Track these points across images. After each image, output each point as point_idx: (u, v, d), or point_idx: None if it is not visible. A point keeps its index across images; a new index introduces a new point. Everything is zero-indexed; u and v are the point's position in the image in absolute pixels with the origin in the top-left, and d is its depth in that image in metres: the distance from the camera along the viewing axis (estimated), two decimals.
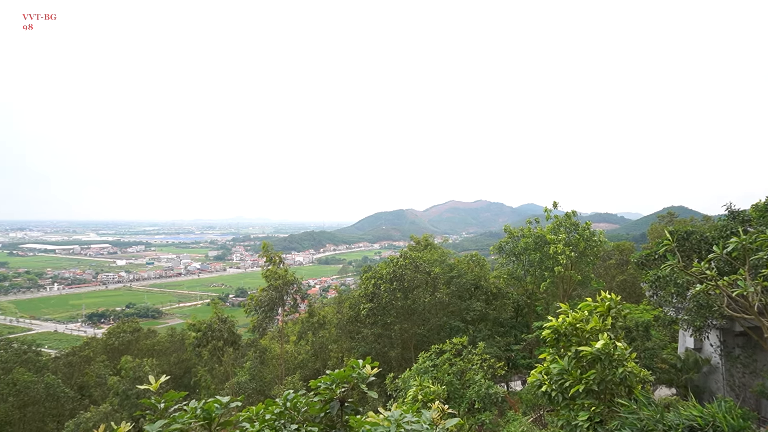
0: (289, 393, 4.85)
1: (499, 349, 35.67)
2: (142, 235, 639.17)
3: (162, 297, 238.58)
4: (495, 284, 42.49)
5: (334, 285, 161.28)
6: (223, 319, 42.28)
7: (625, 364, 9.01)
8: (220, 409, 4.38)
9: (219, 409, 4.38)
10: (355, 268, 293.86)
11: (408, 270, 38.40)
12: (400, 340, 40.62)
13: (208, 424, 4.31)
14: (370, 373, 4.87)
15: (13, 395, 38.03)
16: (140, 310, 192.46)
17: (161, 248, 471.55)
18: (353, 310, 41.18)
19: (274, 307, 42.04)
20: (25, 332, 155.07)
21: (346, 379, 4.84)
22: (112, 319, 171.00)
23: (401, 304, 37.75)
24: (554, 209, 40.23)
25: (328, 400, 4.77)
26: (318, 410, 4.74)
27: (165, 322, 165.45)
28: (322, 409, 4.74)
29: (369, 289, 39.29)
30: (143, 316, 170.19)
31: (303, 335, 47.73)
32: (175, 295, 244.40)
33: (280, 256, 44.21)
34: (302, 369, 45.91)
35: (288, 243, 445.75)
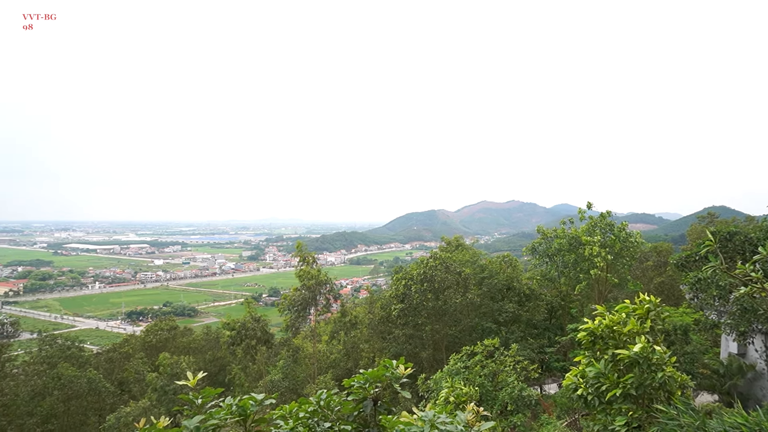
0: (323, 392, 4.89)
1: (532, 351, 35.17)
2: (178, 235, 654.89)
3: (197, 296, 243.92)
4: (528, 285, 41.92)
5: (365, 285, 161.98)
6: (256, 318, 42.95)
7: (664, 368, 8.75)
8: (254, 406, 4.45)
9: (254, 406, 4.44)
10: (387, 269, 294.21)
11: (438, 271, 38.24)
12: (431, 341, 40.47)
13: (243, 421, 4.38)
14: (403, 373, 4.86)
15: (58, 389, 39.46)
16: (177, 308, 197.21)
17: (197, 248, 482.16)
18: (384, 310, 41.25)
19: (306, 307, 42.45)
20: (69, 329, 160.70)
21: (379, 378, 4.84)
22: (150, 317, 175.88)
23: (432, 305, 37.61)
24: (588, 210, 39.39)
25: (362, 399, 4.78)
26: (351, 409, 4.76)
27: (200, 320, 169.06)
28: (356, 408, 4.76)
29: (400, 289, 39.28)
30: (179, 315, 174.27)
31: (335, 335, 48.05)
32: (210, 295, 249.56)
33: (314, 256, 44.61)
34: (334, 368, 46.22)
35: (320, 243, 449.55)
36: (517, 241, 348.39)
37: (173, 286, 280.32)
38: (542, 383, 38.24)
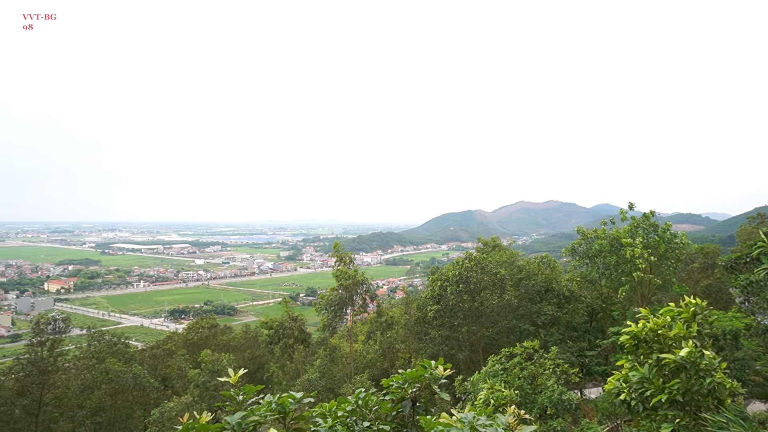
0: (361, 391, 4.92)
1: (571, 354, 34.44)
2: (218, 235, 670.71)
3: (237, 295, 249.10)
4: (567, 287, 41.08)
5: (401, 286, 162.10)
6: (293, 318, 43.52)
7: (713, 374, 8.41)
8: (293, 404, 4.52)
9: (293, 403, 4.51)
10: (423, 269, 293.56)
11: (474, 272, 37.90)
12: (468, 343, 40.16)
13: (283, 418, 4.45)
14: (442, 374, 4.84)
15: (106, 383, 41.00)
16: (217, 307, 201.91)
17: (236, 248, 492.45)
18: (421, 311, 41.17)
19: (343, 307, 42.76)
20: (115, 325, 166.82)
21: (418, 379, 4.84)
22: (191, 315, 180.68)
23: (468, 306, 37.31)
24: (630, 210, 38.27)
25: (400, 399, 4.79)
26: (389, 409, 4.77)
27: (240, 319, 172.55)
28: (394, 408, 4.77)
29: (435, 291, 39.13)
30: (220, 313, 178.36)
31: (371, 335, 48.24)
32: (249, 294, 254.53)
33: (350, 256, 44.90)
34: (371, 368, 46.41)
35: (356, 244, 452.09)
36: (555, 242, 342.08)
37: (214, 285, 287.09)
38: (582, 387, 37.40)
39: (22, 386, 37.25)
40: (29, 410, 37.41)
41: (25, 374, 37.35)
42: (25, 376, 37.33)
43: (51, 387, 38.37)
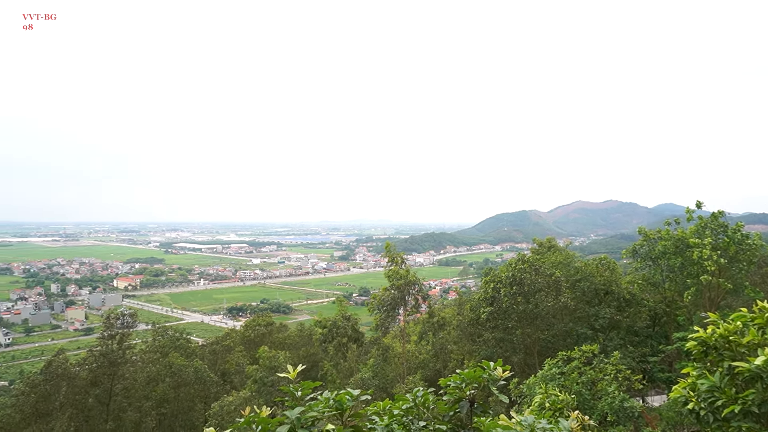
0: (418, 389, 4.93)
1: (633, 360, 33.08)
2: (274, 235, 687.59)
3: (292, 294, 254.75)
4: (628, 290, 39.51)
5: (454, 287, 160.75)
6: (346, 317, 44.07)
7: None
8: (350, 401, 4.58)
9: (350, 401, 4.58)
10: (476, 270, 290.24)
11: (528, 274, 37.11)
12: (522, 345, 39.36)
13: (340, 415, 4.52)
14: (501, 375, 4.78)
15: (169, 376, 42.92)
16: (273, 305, 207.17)
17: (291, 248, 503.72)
18: (474, 312, 40.70)
19: (396, 307, 42.89)
20: (178, 321, 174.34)
21: (476, 379, 4.80)
22: (248, 313, 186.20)
23: (522, 309, 36.56)
24: (698, 209, 36.32)
25: (457, 399, 4.77)
26: (446, 409, 4.75)
27: (294, 317, 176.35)
28: (451, 409, 4.75)
29: (488, 293, 38.59)
30: (275, 312, 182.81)
31: (424, 335, 48.13)
32: (303, 293, 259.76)
33: (402, 257, 44.99)
34: (423, 369, 46.30)
35: (408, 244, 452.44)
36: (615, 243, 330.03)
37: (269, 284, 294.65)
38: (645, 394, 35.89)
39: (95, 377, 39.58)
40: (101, 399, 39.69)
41: (98, 365, 39.65)
42: (97, 367, 39.64)
43: (120, 378, 40.56)
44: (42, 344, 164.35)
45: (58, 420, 36.22)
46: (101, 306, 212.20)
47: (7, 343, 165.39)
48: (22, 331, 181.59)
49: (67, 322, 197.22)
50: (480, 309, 38.94)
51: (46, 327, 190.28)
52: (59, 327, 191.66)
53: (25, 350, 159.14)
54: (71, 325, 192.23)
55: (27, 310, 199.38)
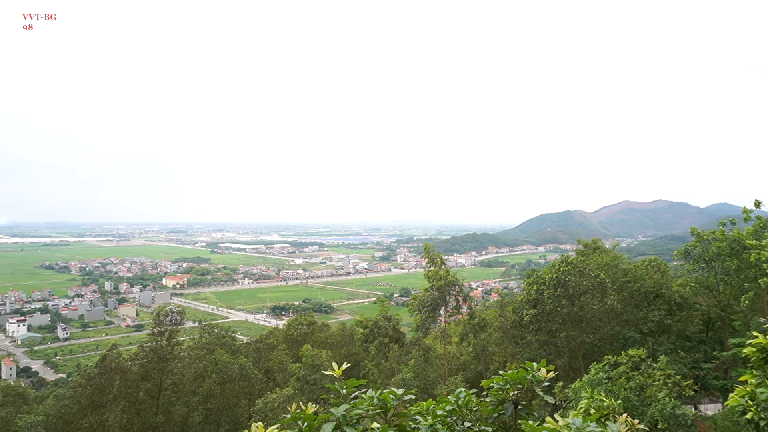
0: (461, 391, 4.90)
1: (684, 365, 31.79)
2: (316, 236, 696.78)
3: (333, 294, 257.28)
4: (680, 293, 37.99)
5: (496, 288, 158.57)
6: (388, 317, 44.09)
7: None
8: (394, 400, 4.61)
9: (393, 400, 4.61)
10: (519, 272, 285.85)
11: (572, 276, 36.22)
12: (567, 349, 38.48)
13: (384, 413, 4.55)
14: (545, 376, 4.70)
15: (215, 372, 44.08)
16: (314, 305, 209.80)
17: (333, 248, 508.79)
18: (516, 314, 40.07)
19: (436, 308, 42.63)
20: (223, 319, 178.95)
21: (519, 380, 4.74)
22: (291, 312, 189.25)
23: (567, 311, 35.72)
24: (756, 209, 34.56)
25: (501, 401, 4.72)
26: (490, 411, 4.71)
27: (336, 317, 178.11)
28: (495, 410, 4.70)
29: (532, 294, 37.90)
30: (317, 311, 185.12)
31: (465, 337, 47.68)
32: (344, 293, 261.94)
33: (442, 257, 44.70)
34: (464, 371, 45.90)
35: (450, 245, 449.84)
36: (664, 245, 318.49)
37: (311, 283, 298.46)
38: (697, 402, 34.46)
39: (145, 371, 41.08)
40: (151, 393, 41.15)
41: (148, 360, 41.13)
42: (148, 362, 41.13)
43: (169, 373, 41.95)
44: (96, 339, 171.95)
45: (112, 412, 37.78)
46: (151, 303, 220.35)
47: (65, 338, 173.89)
48: (78, 326, 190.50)
49: (120, 318, 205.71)
50: (523, 311, 38.30)
51: (100, 323, 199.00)
52: (112, 323, 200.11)
53: (82, 344, 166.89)
54: (123, 321, 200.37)
55: (83, 307, 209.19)
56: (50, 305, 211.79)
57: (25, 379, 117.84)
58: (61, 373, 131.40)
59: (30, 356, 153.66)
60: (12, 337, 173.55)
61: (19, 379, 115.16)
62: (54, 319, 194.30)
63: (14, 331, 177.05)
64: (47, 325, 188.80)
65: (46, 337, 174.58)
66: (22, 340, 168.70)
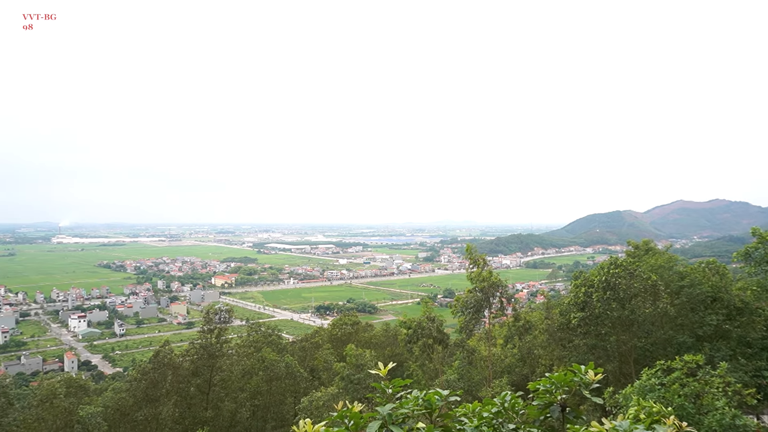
0: (507, 393, 4.85)
1: (745, 373, 30.22)
2: (360, 236, 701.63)
3: (377, 294, 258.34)
4: (740, 297, 36.14)
5: (541, 290, 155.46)
6: (431, 318, 43.92)
7: None
8: (440, 401, 4.60)
9: (439, 400, 4.60)
10: (566, 273, 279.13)
11: (622, 278, 35.04)
12: (617, 353, 37.27)
13: (429, 414, 4.55)
14: (593, 379, 4.58)
15: (262, 370, 45.03)
16: (358, 305, 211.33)
17: (376, 249, 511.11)
18: (564, 317, 39.13)
19: (480, 309, 42.18)
20: (269, 318, 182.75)
21: (566, 383, 4.64)
22: (335, 311, 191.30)
23: (617, 315, 34.59)
24: None
25: (548, 404, 4.63)
26: (536, 414, 4.63)
27: (380, 317, 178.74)
28: (541, 413, 4.62)
29: (579, 297, 36.94)
30: (361, 311, 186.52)
31: (510, 339, 46.95)
32: (388, 293, 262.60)
33: (484, 259, 44.14)
34: (509, 373, 45.21)
35: (494, 246, 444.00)
36: (722, 246, 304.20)
37: (355, 284, 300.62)
38: (760, 412, 32.66)
39: (196, 367, 42.44)
40: (201, 389, 42.49)
41: (198, 357, 42.48)
42: (198, 358, 42.48)
43: (218, 370, 43.18)
44: (150, 335, 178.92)
45: (165, 405, 39.21)
46: (201, 302, 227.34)
47: (122, 334, 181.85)
48: (133, 323, 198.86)
49: (172, 316, 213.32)
50: (570, 314, 37.39)
51: (153, 320, 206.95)
52: (165, 320, 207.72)
53: (136, 340, 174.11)
54: (175, 318, 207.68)
55: (138, 304, 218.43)
56: (108, 302, 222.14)
57: (85, 372, 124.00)
58: (118, 367, 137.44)
59: (90, 350, 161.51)
60: (74, 332, 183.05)
61: (80, 372, 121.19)
62: (111, 315, 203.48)
63: (75, 326, 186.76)
64: (105, 321, 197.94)
65: (104, 333, 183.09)
66: (83, 335, 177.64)
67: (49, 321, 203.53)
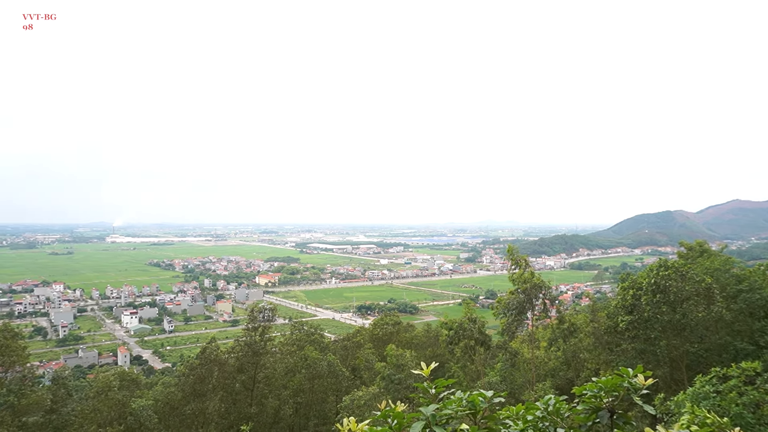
0: (551, 397, 4.74)
1: None
2: (401, 237, 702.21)
3: (418, 294, 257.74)
4: None
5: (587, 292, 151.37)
6: (473, 319, 43.45)
7: None
8: (484, 403, 4.55)
9: (483, 402, 4.55)
10: (612, 275, 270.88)
11: (673, 281, 33.71)
12: (668, 359, 35.90)
13: (473, 415, 4.51)
14: (644, 383, 4.41)
15: (305, 368, 45.66)
16: (399, 305, 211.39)
17: (417, 249, 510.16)
18: (611, 320, 38.01)
19: (522, 311, 41.47)
20: (311, 317, 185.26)
21: (614, 388, 4.49)
22: (376, 311, 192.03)
23: (668, 319, 33.32)
24: None
25: (595, 409, 4.50)
26: (583, 419, 4.51)
27: (420, 318, 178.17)
28: (588, 419, 4.49)
29: (627, 300, 35.80)
30: (402, 311, 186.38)
31: (554, 342, 45.95)
32: (429, 294, 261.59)
33: (526, 260, 43.31)
34: (553, 377, 44.24)
35: (537, 246, 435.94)
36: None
37: (396, 284, 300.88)
38: None
39: (240, 364, 43.41)
40: (246, 385, 43.43)
41: (243, 354, 43.42)
42: (243, 355, 43.43)
43: (262, 367, 44.03)
44: (197, 332, 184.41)
45: (211, 400, 40.29)
46: (245, 300, 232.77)
47: (170, 330, 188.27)
48: (181, 319, 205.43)
49: (217, 313, 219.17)
50: (618, 317, 36.29)
51: (200, 317, 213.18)
52: (211, 318, 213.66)
53: (184, 337, 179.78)
54: (221, 316, 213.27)
55: (185, 302, 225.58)
56: (158, 300, 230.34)
57: (137, 366, 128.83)
58: (167, 362, 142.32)
59: (141, 346, 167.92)
60: (126, 328, 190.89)
61: (132, 366, 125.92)
62: (161, 312, 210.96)
63: (128, 322, 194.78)
64: (155, 317, 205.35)
65: (154, 329, 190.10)
66: (135, 331, 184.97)
67: (104, 317, 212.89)
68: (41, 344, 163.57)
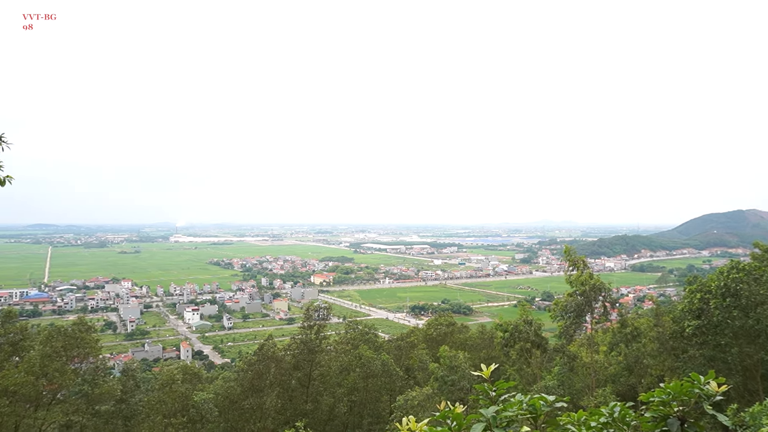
0: (615, 404, 4.60)
1: None
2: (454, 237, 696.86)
3: (472, 295, 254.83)
4: None
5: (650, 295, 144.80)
6: (528, 321, 42.53)
7: None
8: (545, 407, 4.48)
9: (544, 406, 4.48)
10: (678, 278, 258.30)
11: (745, 284, 31.75)
12: (740, 367, 33.86)
13: (534, 419, 4.45)
14: (717, 390, 4.19)
15: (359, 367, 46.07)
16: (453, 306, 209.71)
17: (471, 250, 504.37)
18: (677, 324, 36.24)
19: (581, 314, 40.24)
20: (365, 317, 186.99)
21: (684, 395, 4.30)
22: (429, 312, 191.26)
23: (740, 324, 31.41)
24: None
25: (663, 417, 4.33)
26: (651, 427, 4.35)
27: (475, 319, 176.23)
28: (657, 427, 4.33)
29: (694, 304, 34.00)
30: (456, 312, 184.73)
31: (615, 346, 44.29)
32: (483, 295, 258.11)
33: (584, 261, 41.97)
34: (614, 383, 42.64)
35: (597, 247, 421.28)
36: None
37: (450, 284, 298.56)
38: None
39: (296, 361, 44.37)
40: (302, 382, 44.35)
41: (299, 352, 44.37)
42: (299, 353, 44.38)
43: (317, 365, 44.83)
44: (255, 330, 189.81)
45: (268, 396, 41.39)
46: (301, 299, 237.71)
47: (229, 327, 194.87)
48: (240, 317, 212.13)
49: (274, 311, 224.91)
50: (684, 321, 34.55)
51: (257, 315, 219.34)
52: (268, 315, 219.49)
53: (243, 334, 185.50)
54: (277, 314, 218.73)
55: (243, 300, 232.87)
56: (217, 297, 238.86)
57: (198, 360, 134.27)
58: (226, 358, 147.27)
59: (202, 341, 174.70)
60: (188, 324, 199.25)
61: (194, 360, 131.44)
62: (220, 309, 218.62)
63: (190, 318, 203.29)
64: (215, 314, 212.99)
65: (214, 326, 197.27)
66: (196, 327, 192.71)
67: (168, 313, 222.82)
68: (111, 338, 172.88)
